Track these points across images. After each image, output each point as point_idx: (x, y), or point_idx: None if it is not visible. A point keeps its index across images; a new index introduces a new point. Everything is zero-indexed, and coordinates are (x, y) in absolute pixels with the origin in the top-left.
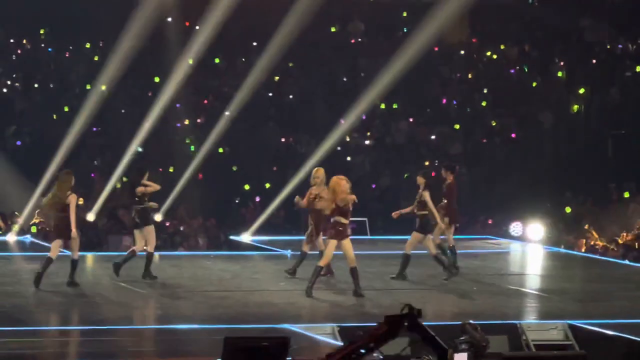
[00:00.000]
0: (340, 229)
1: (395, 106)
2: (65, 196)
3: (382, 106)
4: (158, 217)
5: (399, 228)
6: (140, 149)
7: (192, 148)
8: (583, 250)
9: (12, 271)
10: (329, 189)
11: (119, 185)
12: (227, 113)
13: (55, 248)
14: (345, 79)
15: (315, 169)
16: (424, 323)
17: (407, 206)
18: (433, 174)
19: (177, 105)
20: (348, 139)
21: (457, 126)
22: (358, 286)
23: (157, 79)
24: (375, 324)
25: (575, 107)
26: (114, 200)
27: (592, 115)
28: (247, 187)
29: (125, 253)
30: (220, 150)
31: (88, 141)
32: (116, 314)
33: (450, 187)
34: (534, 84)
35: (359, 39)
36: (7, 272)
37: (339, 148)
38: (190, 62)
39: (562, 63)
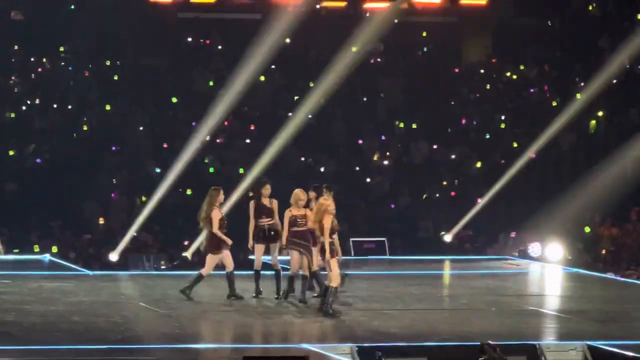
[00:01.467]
0: (333, 247)
1: (414, 126)
2: (210, 211)
3: (401, 125)
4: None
5: (418, 248)
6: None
7: (212, 170)
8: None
9: (30, 290)
10: (321, 210)
11: (138, 204)
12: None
13: (208, 264)
14: (365, 99)
15: (300, 190)
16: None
17: (425, 227)
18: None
19: (193, 123)
20: (376, 158)
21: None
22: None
23: (174, 100)
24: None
25: (593, 123)
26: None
27: (611, 136)
28: None
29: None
30: (241, 170)
31: (106, 159)
32: (134, 333)
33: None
34: (554, 104)
35: (379, 59)
36: (26, 290)
37: (357, 168)
38: (211, 83)
39: (582, 84)
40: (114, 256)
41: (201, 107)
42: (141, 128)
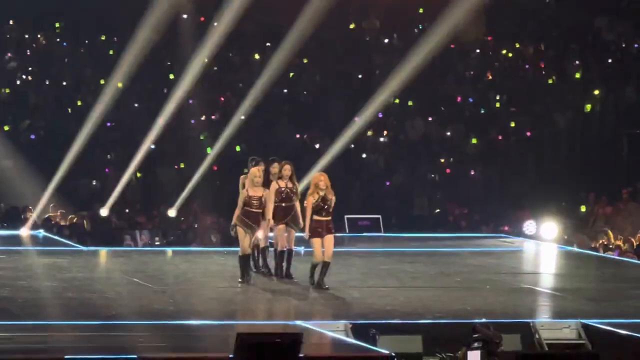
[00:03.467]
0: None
1: (410, 103)
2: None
3: (396, 101)
4: (172, 213)
5: (413, 225)
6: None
7: (209, 150)
8: (601, 251)
9: (25, 266)
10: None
11: (133, 180)
12: (241, 110)
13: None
14: (360, 76)
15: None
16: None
17: (420, 204)
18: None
19: (190, 101)
20: (370, 133)
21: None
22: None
23: (172, 76)
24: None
25: (589, 106)
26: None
27: (607, 115)
28: None
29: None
30: (238, 148)
31: (102, 136)
32: (128, 310)
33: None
34: (550, 81)
35: (375, 36)
36: (21, 266)
37: (352, 145)
38: (205, 60)
39: (577, 62)
40: (104, 211)
41: (197, 83)
42: (136, 105)
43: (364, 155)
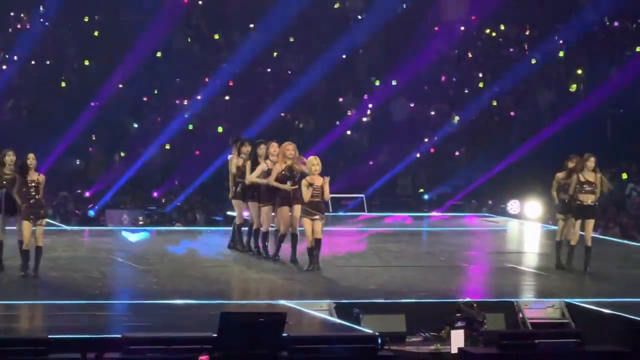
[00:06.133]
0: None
1: (394, 83)
2: None
3: (377, 82)
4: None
5: (395, 205)
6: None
7: (191, 127)
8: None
9: (9, 245)
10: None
11: (117, 160)
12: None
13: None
14: (344, 56)
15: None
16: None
17: (404, 183)
18: None
19: (177, 79)
20: (349, 113)
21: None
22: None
23: (159, 54)
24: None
25: (574, 86)
26: None
27: (591, 95)
28: None
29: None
30: (220, 129)
31: (86, 115)
32: (112, 289)
33: None
34: (533, 61)
35: (358, 15)
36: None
37: (337, 123)
38: (189, 40)
39: (561, 42)
40: (91, 213)
41: (180, 63)
42: (120, 85)
43: (349, 132)
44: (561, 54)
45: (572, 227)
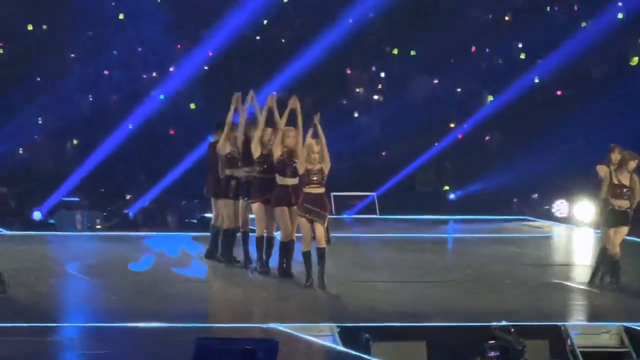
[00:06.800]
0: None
1: (413, 53)
2: None
3: (395, 51)
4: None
5: (413, 206)
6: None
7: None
8: None
9: None
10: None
11: (69, 148)
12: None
13: None
14: (350, 21)
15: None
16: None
17: (425, 179)
18: None
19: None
20: (358, 90)
21: None
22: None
23: (121, 16)
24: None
25: (635, 59)
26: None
27: None
28: None
29: None
30: (193, 105)
31: (30, 95)
32: (64, 308)
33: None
34: (584, 24)
35: None
36: None
37: (344, 101)
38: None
39: (620, 3)
40: (38, 215)
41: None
42: (73, 55)
43: (356, 114)
44: (620, 15)
45: (610, 236)
